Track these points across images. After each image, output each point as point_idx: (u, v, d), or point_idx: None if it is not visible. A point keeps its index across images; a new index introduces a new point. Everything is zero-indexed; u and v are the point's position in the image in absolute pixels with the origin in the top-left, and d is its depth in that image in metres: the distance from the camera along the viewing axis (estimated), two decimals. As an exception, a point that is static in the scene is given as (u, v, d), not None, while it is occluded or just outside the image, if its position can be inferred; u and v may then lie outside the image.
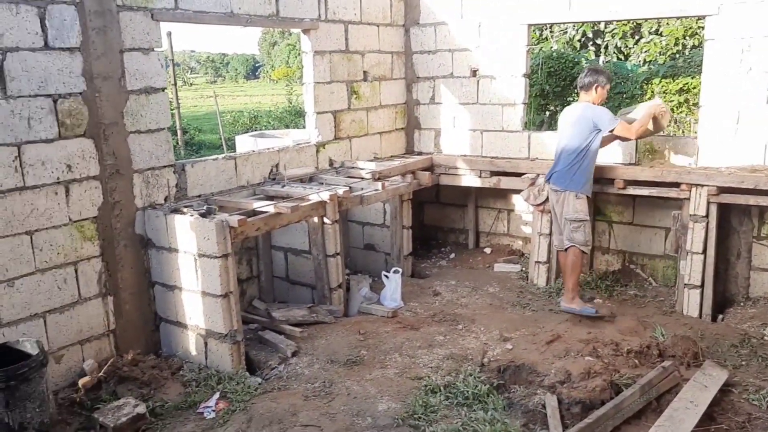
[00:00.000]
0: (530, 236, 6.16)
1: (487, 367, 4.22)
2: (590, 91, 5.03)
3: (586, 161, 4.99)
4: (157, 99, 4.40)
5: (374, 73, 6.33)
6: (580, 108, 5.05)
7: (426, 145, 6.83)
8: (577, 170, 4.99)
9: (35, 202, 3.82)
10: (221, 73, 56.75)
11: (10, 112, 3.64)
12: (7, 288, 3.73)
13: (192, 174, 4.73)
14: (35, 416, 3.56)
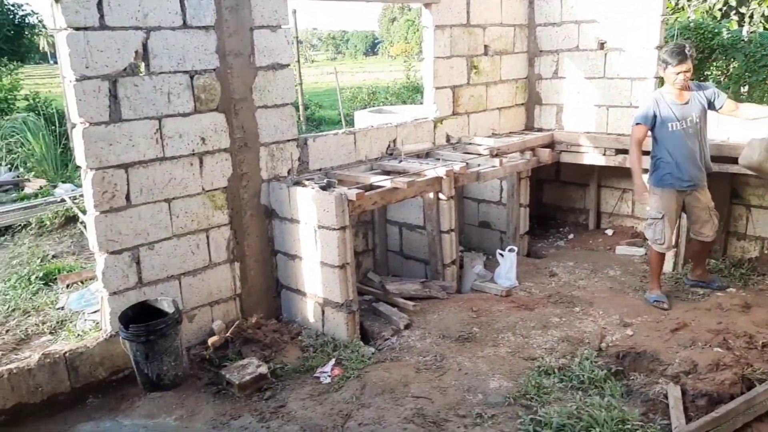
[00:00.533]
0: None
1: (605, 352, 4.07)
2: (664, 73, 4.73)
3: (654, 152, 4.81)
4: (283, 75, 4.56)
5: (495, 47, 6.20)
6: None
7: (547, 121, 6.62)
8: (652, 162, 4.83)
9: (173, 172, 4.10)
10: (341, 50, 57.76)
11: (152, 88, 3.92)
12: (148, 251, 4.06)
13: (313, 148, 4.88)
14: (170, 369, 3.88)
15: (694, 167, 4.68)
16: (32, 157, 9.57)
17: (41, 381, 3.74)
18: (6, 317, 5.01)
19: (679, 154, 4.65)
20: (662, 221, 4.75)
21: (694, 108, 4.64)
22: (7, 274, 6.02)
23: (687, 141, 4.64)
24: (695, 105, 4.65)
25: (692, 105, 4.65)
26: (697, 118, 4.65)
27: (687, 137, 4.64)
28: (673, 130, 4.62)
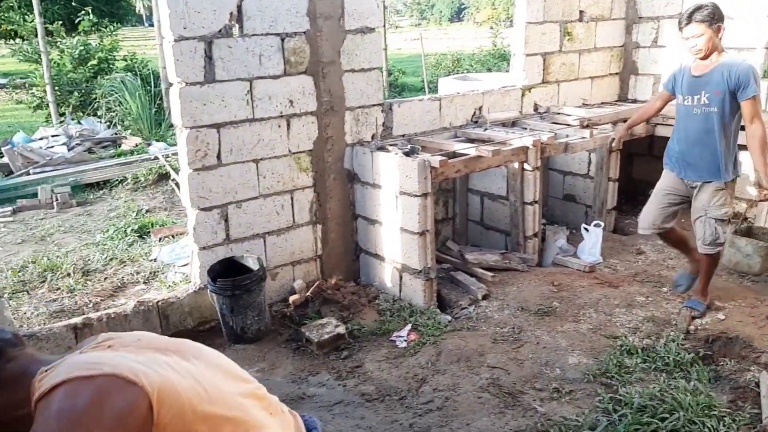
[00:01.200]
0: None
1: (693, 335, 3.91)
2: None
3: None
4: (371, 39, 4.54)
5: (591, 12, 5.93)
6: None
7: (642, 92, 6.31)
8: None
9: (261, 133, 4.20)
10: (426, 16, 57.00)
11: (245, 50, 4.00)
12: (236, 209, 4.20)
13: (398, 113, 4.87)
14: (253, 323, 4.03)
15: (694, 157, 3.95)
16: (129, 116, 10.03)
17: (136, 326, 3.97)
18: (104, 266, 5.34)
19: (680, 135, 4.04)
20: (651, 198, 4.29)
21: (710, 86, 3.79)
22: (105, 225, 6.40)
23: (690, 122, 3.93)
24: (712, 83, 3.78)
25: (708, 81, 3.80)
26: (708, 99, 3.81)
27: (691, 118, 3.91)
28: (681, 104, 4.00)
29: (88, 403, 1.24)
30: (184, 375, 1.40)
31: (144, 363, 1.36)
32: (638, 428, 2.98)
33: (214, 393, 1.43)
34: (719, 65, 3.77)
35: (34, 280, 5.06)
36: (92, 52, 11.83)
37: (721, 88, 3.75)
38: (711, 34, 3.71)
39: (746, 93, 3.69)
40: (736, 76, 3.69)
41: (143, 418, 1.28)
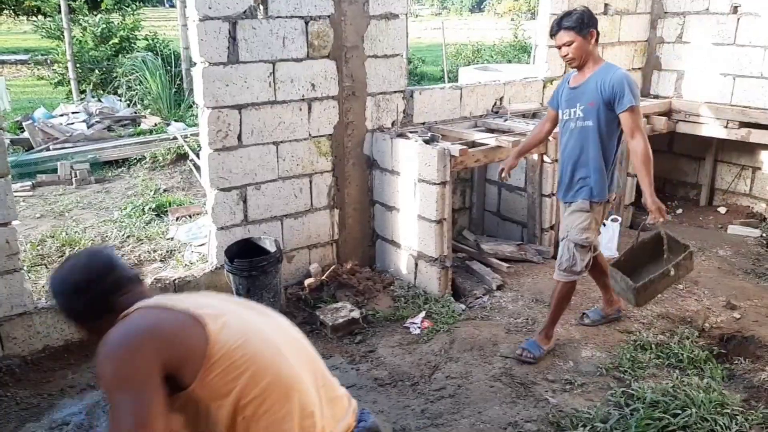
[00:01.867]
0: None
1: (707, 333, 3.89)
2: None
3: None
4: (395, 25, 4.53)
5: (616, 5, 5.87)
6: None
7: (664, 88, 6.25)
8: None
9: (282, 116, 4.21)
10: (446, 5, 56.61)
11: (269, 32, 4.00)
12: (254, 190, 4.22)
13: (419, 101, 4.86)
14: (269, 304, 3.99)
15: (566, 174, 3.59)
16: (149, 95, 10.07)
17: (152, 303, 4.02)
18: (122, 243, 5.39)
19: (562, 155, 3.64)
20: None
21: (584, 97, 3.42)
22: (123, 203, 6.45)
23: (566, 138, 3.56)
24: (587, 94, 3.41)
25: (582, 92, 3.44)
26: (582, 112, 3.43)
27: (568, 133, 3.54)
28: (561, 119, 3.61)
29: (150, 323, 1.50)
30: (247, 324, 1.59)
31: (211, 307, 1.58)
32: (650, 423, 2.98)
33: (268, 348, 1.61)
34: (593, 75, 3.41)
35: (52, 254, 5.11)
36: (114, 31, 11.88)
37: (595, 99, 3.37)
38: (582, 42, 3.34)
39: (623, 104, 3.30)
40: (610, 85, 3.32)
41: (200, 349, 1.48)
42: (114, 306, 1.59)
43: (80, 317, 1.63)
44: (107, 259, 1.66)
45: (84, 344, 3.77)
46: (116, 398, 1.41)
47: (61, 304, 1.64)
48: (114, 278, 1.62)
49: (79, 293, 1.60)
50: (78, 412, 3.18)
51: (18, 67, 16.29)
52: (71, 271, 1.64)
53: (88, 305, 1.60)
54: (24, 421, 3.14)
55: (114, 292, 1.61)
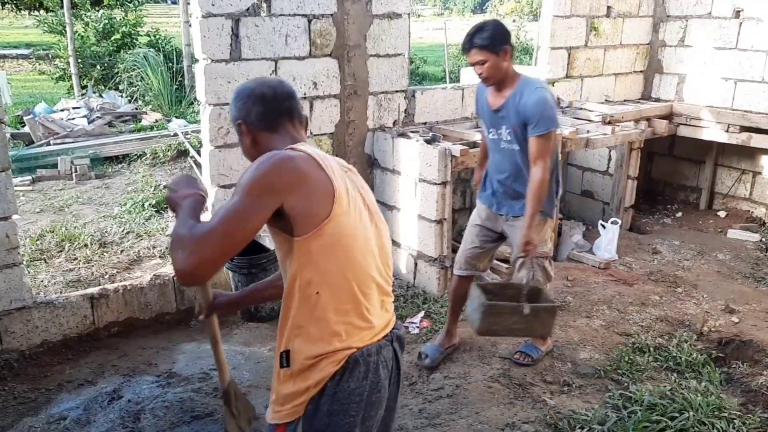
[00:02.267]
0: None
1: (705, 336, 3.90)
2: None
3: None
4: (397, 24, 4.53)
5: (619, 8, 5.87)
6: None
7: (666, 91, 6.25)
8: None
9: (284, 114, 4.20)
10: (449, 6, 56.61)
11: (272, 29, 4.00)
12: (255, 188, 4.21)
13: (420, 101, 4.86)
14: (268, 302, 4.05)
15: (504, 193, 3.43)
16: (150, 91, 10.07)
17: (151, 300, 4.02)
18: (121, 238, 5.38)
19: (492, 167, 3.50)
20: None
21: (507, 121, 3.25)
22: (123, 199, 6.45)
23: (499, 155, 3.40)
24: (508, 118, 3.23)
25: (505, 116, 3.25)
26: (509, 135, 3.27)
27: (499, 152, 3.38)
28: (487, 136, 3.47)
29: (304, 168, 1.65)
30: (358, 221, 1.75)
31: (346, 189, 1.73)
32: (647, 426, 2.99)
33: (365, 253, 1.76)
34: (511, 96, 3.21)
35: (51, 249, 5.11)
36: (116, 27, 11.87)
37: (517, 124, 3.21)
38: (496, 60, 3.13)
39: (535, 130, 3.13)
40: (524, 109, 3.15)
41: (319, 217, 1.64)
42: (278, 128, 1.80)
43: (248, 121, 1.80)
44: (290, 90, 1.87)
45: (83, 339, 3.77)
46: (235, 196, 1.59)
47: (240, 106, 1.81)
48: (290, 105, 1.83)
49: (260, 101, 1.79)
50: (75, 406, 3.18)
51: (19, 61, 16.29)
52: (261, 84, 1.85)
53: (260, 114, 1.79)
54: (21, 415, 3.14)
55: (285, 116, 1.81)
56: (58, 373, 3.51)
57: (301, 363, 1.71)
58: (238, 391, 2.27)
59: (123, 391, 3.28)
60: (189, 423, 3.04)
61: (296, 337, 1.71)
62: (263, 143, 1.78)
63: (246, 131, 1.81)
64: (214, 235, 1.54)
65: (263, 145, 1.78)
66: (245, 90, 1.83)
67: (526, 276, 3.43)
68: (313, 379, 1.70)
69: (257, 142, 1.80)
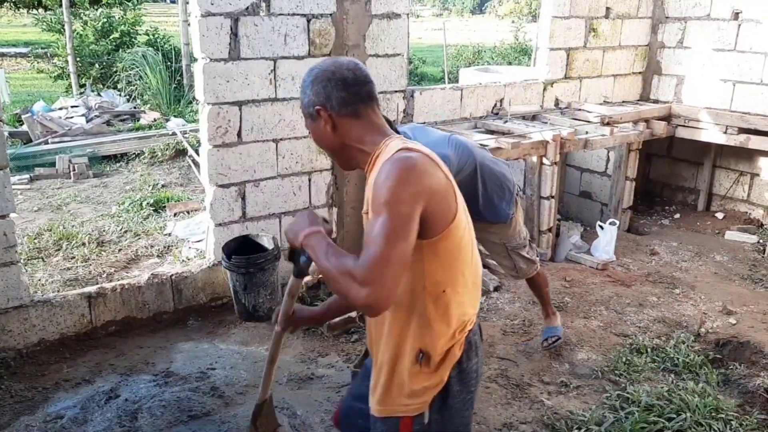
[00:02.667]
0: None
1: (703, 337, 3.90)
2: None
3: None
4: (397, 25, 4.53)
5: (618, 9, 5.88)
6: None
7: (664, 92, 6.26)
8: None
9: (282, 114, 4.20)
10: (448, 6, 56.61)
11: (271, 28, 4.00)
12: (253, 187, 4.21)
13: (419, 101, 4.85)
14: (266, 302, 4.05)
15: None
16: (148, 91, 10.06)
17: (149, 299, 4.01)
18: (119, 237, 5.38)
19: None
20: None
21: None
22: (121, 198, 6.44)
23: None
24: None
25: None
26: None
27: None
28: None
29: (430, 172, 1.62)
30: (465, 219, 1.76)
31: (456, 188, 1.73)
32: (644, 427, 2.99)
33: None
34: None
35: (49, 248, 5.11)
36: (115, 25, 11.86)
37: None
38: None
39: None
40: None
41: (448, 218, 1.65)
42: (361, 114, 1.73)
43: (328, 106, 1.72)
44: (368, 72, 1.79)
45: (80, 338, 3.77)
46: (381, 215, 1.54)
47: (318, 90, 1.73)
48: (371, 90, 1.76)
49: (342, 85, 1.71)
50: (72, 405, 3.17)
51: (18, 60, 16.26)
52: (339, 66, 1.75)
53: (342, 99, 1.71)
54: (18, 414, 3.13)
55: (367, 101, 1.74)
56: (56, 372, 3.50)
57: (436, 356, 1.75)
58: (271, 407, 2.27)
59: (120, 390, 3.28)
60: (186, 422, 3.03)
61: (426, 335, 1.74)
62: (345, 130, 1.74)
63: (326, 117, 1.73)
64: (385, 259, 1.50)
65: (345, 133, 1.74)
66: (324, 72, 1.74)
67: (507, 264, 3.62)
68: (446, 370, 1.76)
69: (338, 129, 1.74)
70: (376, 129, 1.75)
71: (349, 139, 1.75)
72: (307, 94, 1.75)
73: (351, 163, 1.84)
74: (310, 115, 1.77)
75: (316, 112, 1.74)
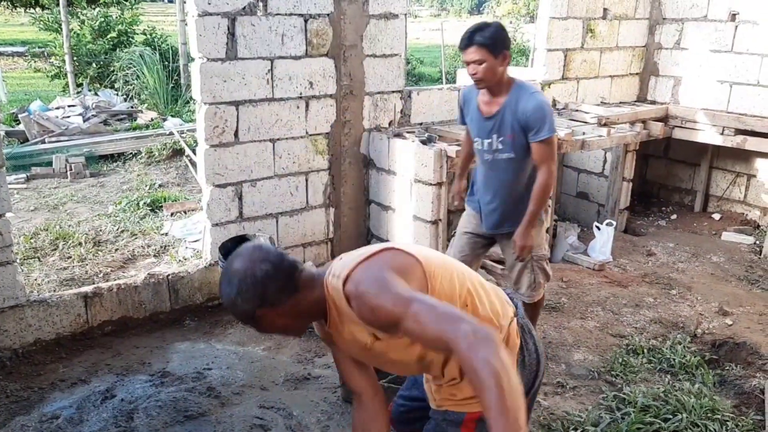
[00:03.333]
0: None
1: (699, 338, 3.91)
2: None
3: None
4: (394, 25, 4.53)
5: (615, 10, 5.89)
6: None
7: (661, 93, 6.27)
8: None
9: (280, 114, 4.20)
10: (446, 6, 56.63)
11: (268, 28, 4.00)
12: (250, 187, 4.21)
13: (417, 102, 4.86)
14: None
15: (488, 206, 3.36)
16: (146, 90, 10.05)
17: (145, 299, 4.01)
18: (116, 237, 5.36)
19: (480, 179, 3.41)
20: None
21: (502, 129, 3.15)
22: (118, 197, 6.43)
23: (487, 168, 3.33)
24: (504, 125, 3.14)
25: (498, 123, 3.16)
26: (501, 144, 3.18)
27: (487, 164, 3.31)
28: (476, 148, 3.36)
29: (385, 260, 1.72)
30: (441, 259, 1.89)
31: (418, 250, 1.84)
32: (641, 427, 2.99)
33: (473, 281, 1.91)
34: (507, 103, 3.12)
35: (45, 248, 5.09)
36: (112, 25, 11.84)
37: (515, 131, 3.13)
38: (493, 63, 3.02)
39: (538, 135, 3.08)
40: (525, 114, 3.07)
41: (421, 272, 1.74)
42: (298, 284, 1.72)
43: (267, 305, 1.68)
44: (273, 247, 1.79)
45: (76, 338, 3.76)
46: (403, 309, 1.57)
47: (249, 298, 1.66)
48: (289, 261, 1.73)
49: (270, 280, 1.66)
50: (68, 405, 3.17)
51: (15, 59, 16.23)
52: (253, 263, 1.67)
53: (280, 289, 1.68)
54: (14, 414, 3.12)
55: (294, 273, 1.71)
56: (51, 372, 3.50)
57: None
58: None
59: (116, 390, 3.27)
60: (182, 423, 3.03)
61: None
62: (295, 311, 1.72)
63: (271, 314, 1.70)
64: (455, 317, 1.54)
65: (295, 313, 1.73)
66: (244, 279, 1.66)
67: (528, 279, 3.42)
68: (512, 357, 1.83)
69: (287, 314, 1.71)
70: (312, 285, 1.75)
71: (299, 316, 1.75)
72: (240, 306, 1.68)
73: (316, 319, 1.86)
74: (255, 320, 1.72)
75: (260, 317, 1.70)
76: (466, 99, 3.38)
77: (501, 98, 3.15)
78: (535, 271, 3.41)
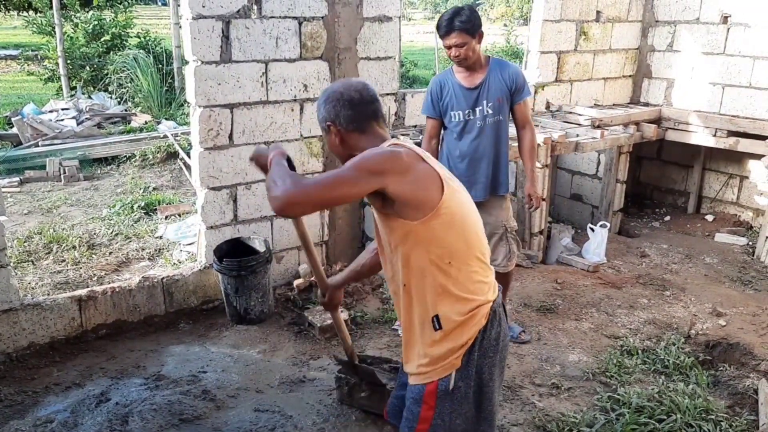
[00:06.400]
0: (764, 209, 5.47)
1: (693, 339, 3.93)
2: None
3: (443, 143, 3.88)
4: (388, 28, 4.54)
5: (608, 13, 5.92)
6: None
7: (654, 95, 6.30)
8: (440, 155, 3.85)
9: (274, 116, 4.20)
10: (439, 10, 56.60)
11: (262, 31, 4.00)
12: (245, 190, 4.21)
13: (411, 104, 4.87)
14: (257, 305, 4.05)
15: (482, 172, 3.62)
16: (140, 93, 10.02)
17: (139, 302, 4.00)
18: (110, 240, 5.36)
19: (459, 153, 3.65)
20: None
21: (490, 94, 3.52)
22: (112, 201, 6.42)
23: (471, 137, 3.60)
24: (492, 91, 3.52)
25: (485, 90, 3.53)
26: (491, 109, 3.53)
27: (472, 133, 3.59)
28: (455, 121, 3.62)
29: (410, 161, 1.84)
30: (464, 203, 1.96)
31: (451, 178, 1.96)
32: (635, 428, 3.01)
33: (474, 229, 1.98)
34: (490, 72, 3.53)
35: (39, 251, 5.08)
36: (106, 28, 11.80)
37: (502, 94, 3.53)
38: (473, 43, 3.41)
39: (523, 94, 3.57)
40: (513, 76, 3.53)
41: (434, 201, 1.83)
42: (366, 129, 1.96)
43: (337, 122, 1.95)
44: (374, 93, 2.00)
45: (70, 341, 3.75)
46: (343, 169, 1.76)
47: (329, 108, 1.96)
48: (375, 108, 1.98)
49: (348, 105, 1.95)
50: (63, 409, 3.15)
51: (8, 62, 16.16)
52: (348, 88, 1.98)
53: (348, 117, 1.94)
54: (8, 418, 3.11)
55: (371, 118, 1.97)
56: (45, 376, 3.48)
57: (454, 321, 1.91)
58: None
59: (111, 393, 3.26)
60: (177, 426, 3.02)
61: (441, 303, 1.91)
62: (351, 143, 1.96)
63: (335, 132, 1.98)
64: (317, 185, 1.73)
65: (351, 145, 1.96)
66: (334, 93, 1.98)
67: (504, 249, 3.70)
68: (469, 333, 1.92)
69: (345, 141, 1.97)
70: (378, 139, 1.96)
71: (356, 150, 1.92)
72: (321, 111, 2.00)
73: None
74: (324, 129, 2.01)
75: (327, 127, 1.99)
76: (441, 84, 3.67)
77: (482, 71, 3.55)
78: (509, 241, 3.72)
